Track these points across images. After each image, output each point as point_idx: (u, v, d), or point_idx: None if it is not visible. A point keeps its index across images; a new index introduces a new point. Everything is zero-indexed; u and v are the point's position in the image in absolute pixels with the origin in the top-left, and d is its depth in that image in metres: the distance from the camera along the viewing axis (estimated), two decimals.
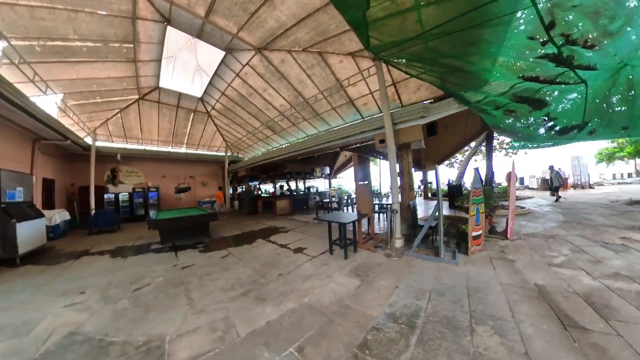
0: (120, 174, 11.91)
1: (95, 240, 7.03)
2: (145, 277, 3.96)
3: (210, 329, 2.40)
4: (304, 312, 2.64)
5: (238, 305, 2.87)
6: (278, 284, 3.45)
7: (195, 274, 4.00)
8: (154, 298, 3.20)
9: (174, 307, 2.91)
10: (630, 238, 4.67)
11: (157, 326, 2.50)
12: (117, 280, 3.89)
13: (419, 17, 2.98)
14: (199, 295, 3.20)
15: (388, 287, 3.19)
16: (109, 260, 5.08)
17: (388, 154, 5.53)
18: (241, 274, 3.89)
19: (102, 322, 2.63)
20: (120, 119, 10.69)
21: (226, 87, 9.91)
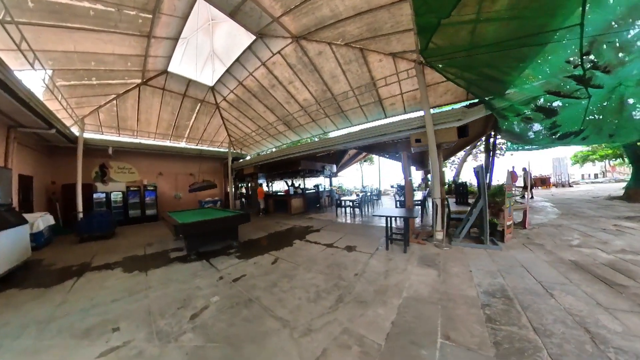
0: (111, 171, 10.09)
1: (91, 250, 5.66)
2: (192, 297, 3.05)
3: (341, 347, 2.01)
4: (416, 305, 2.62)
5: (346, 314, 2.51)
6: (362, 284, 3.18)
7: (258, 287, 3.25)
8: (229, 325, 2.40)
9: (269, 334, 2.24)
10: (621, 225, 5.60)
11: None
12: (157, 305, 2.89)
13: (477, 31, 3.34)
14: (287, 312, 2.59)
15: (463, 273, 3.40)
16: (124, 276, 3.92)
17: (429, 153, 5.61)
18: (314, 280, 3.37)
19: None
20: (115, 107, 8.96)
21: (246, 76, 8.74)
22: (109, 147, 9.29)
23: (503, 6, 3.10)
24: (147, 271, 4.04)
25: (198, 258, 4.59)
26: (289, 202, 10.52)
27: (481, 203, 4.54)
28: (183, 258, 4.66)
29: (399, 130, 6.39)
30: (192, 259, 4.57)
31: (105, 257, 4.93)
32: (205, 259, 4.51)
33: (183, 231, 4.53)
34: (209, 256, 4.69)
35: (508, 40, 3.44)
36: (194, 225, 4.73)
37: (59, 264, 4.62)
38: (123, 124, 10.00)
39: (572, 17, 2.83)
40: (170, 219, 5.24)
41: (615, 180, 17.72)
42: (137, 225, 9.48)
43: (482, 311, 2.41)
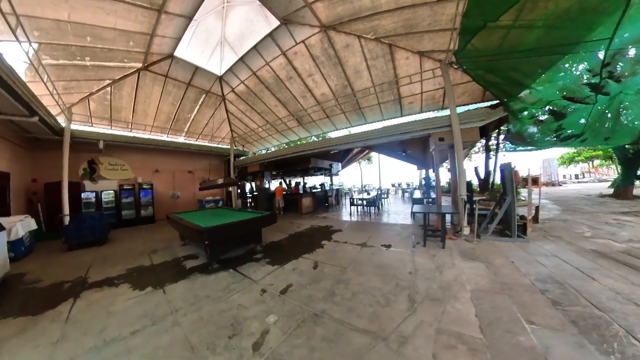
0: (101, 167, 8.82)
1: (84, 260, 4.65)
2: (240, 319, 2.39)
3: (448, 349, 1.88)
4: (485, 296, 2.63)
5: (428, 313, 2.35)
6: (423, 281, 3.05)
7: (315, 298, 2.74)
8: (310, 351, 1.90)
9: (364, 351, 1.87)
10: (620, 219, 5.99)
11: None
12: (197, 335, 2.18)
13: (514, 36, 3.60)
14: (367, 322, 2.24)
15: (507, 264, 3.48)
16: (135, 295, 3.06)
17: (455, 152, 5.56)
18: (371, 282, 3.07)
19: None
20: (109, 95, 7.76)
21: (262, 66, 7.93)
22: (100, 140, 8.07)
23: (548, 16, 3.30)
24: (163, 287, 3.24)
25: (222, 267, 3.84)
26: (299, 202, 9.86)
27: (509, 199, 4.67)
28: (203, 268, 3.88)
29: (424, 129, 6.20)
30: (215, 268, 3.81)
31: (104, 270, 3.99)
32: (231, 268, 3.79)
33: (210, 237, 3.73)
34: (233, 264, 3.97)
35: (543, 47, 3.76)
36: (222, 229, 3.94)
37: (47, 280, 3.65)
38: (116, 115, 8.76)
39: (605, 31, 3.16)
40: (185, 222, 4.38)
41: (598, 180, 18.80)
42: (132, 228, 8.33)
43: (544, 296, 2.57)
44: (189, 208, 11.28)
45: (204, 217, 5.34)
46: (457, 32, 4.30)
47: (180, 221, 4.60)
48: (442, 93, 7.58)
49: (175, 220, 4.89)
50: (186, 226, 4.28)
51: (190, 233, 4.18)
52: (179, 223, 4.67)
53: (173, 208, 10.78)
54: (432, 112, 8.51)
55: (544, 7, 3.24)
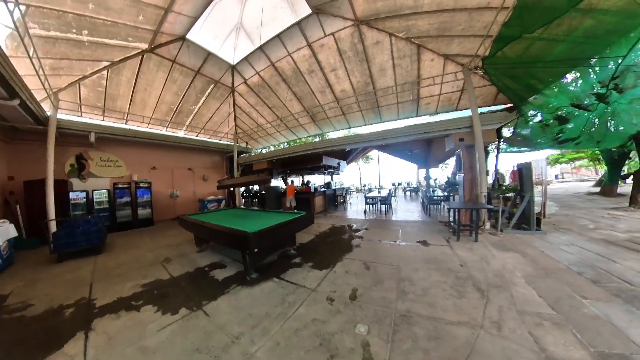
0: (92, 163, 7.56)
1: (81, 274, 3.75)
2: (324, 334, 2.02)
3: (540, 326, 2.00)
4: (537, 281, 2.80)
5: (501, 299, 2.46)
6: (477, 272, 3.11)
7: (389, 299, 2.56)
8: (425, 354, 1.77)
9: (472, 341, 1.86)
10: (612, 213, 6.40)
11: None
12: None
13: (542, 47, 3.95)
14: (456, 314, 2.25)
15: (538, 252, 3.70)
16: (168, 321, 2.36)
17: (477, 151, 5.62)
18: (432, 277, 3.04)
19: None
20: (105, 80, 6.57)
21: (283, 57, 7.22)
22: (91, 132, 6.85)
23: (577, 32, 3.61)
24: (201, 307, 2.58)
25: (262, 276, 3.28)
26: (312, 201, 9.33)
27: (528, 195, 4.86)
28: (240, 279, 3.26)
29: (446, 129, 6.20)
30: (255, 278, 3.22)
31: (112, 287, 3.17)
32: (274, 277, 3.25)
33: (258, 243, 3.09)
34: (273, 271, 3.43)
35: (566, 60, 4.11)
36: (269, 233, 3.34)
37: (40, 304, 2.78)
38: (111, 104, 7.51)
39: (619, 49, 3.57)
40: (219, 227, 3.64)
41: (580, 180, 20.31)
42: (130, 232, 7.24)
43: (582, 277, 2.84)
44: (188, 208, 10.25)
45: (229, 218, 4.64)
46: (492, 39, 4.56)
47: (207, 225, 3.89)
48: (458, 95, 7.59)
49: (199, 225, 4.13)
50: (220, 231, 3.56)
51: (228, 239, 3.45)
52: (205, 228, 3.95)
53: (171, 208, 9.72)
54: (445, 114, 8.48)
55: (572, 24, 3.59)
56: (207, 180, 11.18)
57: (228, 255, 4.19)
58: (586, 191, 12.02)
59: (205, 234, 4.16)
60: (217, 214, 5.55)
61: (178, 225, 5.00)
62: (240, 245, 3.21)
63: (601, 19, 3.50)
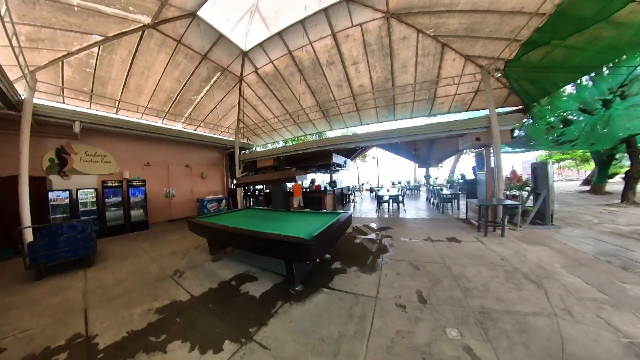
0: (75, 158, 6.39)
1: (68, 295, 2.93)
2: (418, 346, 1.82)
3: (598, 308, 2.20)
4: (574, 269, 2.97)
5: (556, 288, 2.57)
6: (520, 265, 3.19)
7: (457, 297, 2.48)
8: (525, 346, 1.75)
9: (547, 330, 1.91)
10: (607, 209, 6.79)
11: None
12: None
13: (563, 54, 4.17)
14: (525, 306, 2.27)
15: (562, 245, 3.86)
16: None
17: (494, 150, 5.69)
18: (483, 272, 3.04)
19: None
20: (95, 58, 5.47)
21: (303, 45, 6.55)
22: (75, 121, 5.73)
23: (604, 42, 3.75)
24: (251, 337, 1.97)
25: (308, 288, 2.79)
26: (323, 200, 8.89)
27: (544, 193, 5.07)
28: (281, 293, 2.72)
29: (465, 128, 6.25)
30: (300, 291, 2.73)
31: (116, 315, 2.40)
32: (322, 287, 2.81)
33: (318, 250, 2.56)
34: (316, 280, 2.96)
35: (584, 67, 4.31)
36: (325, 238, 2.82)
37: (14, 347, 1.97)
38: (100, 88, 6.35)
39: (634, 59, 3.85)
40: (262, 235, 2.94)
41: (565, 179, 21.58)
42: (122, 237, 6.25)
43: (612, 265, 3.04)
44: (185, 209, 9.28)
45: (253, 221, 4.05)
46: (520, 43, 4.68)
47: (235, 231, 3.17)
48: (471, 96, 7.60)
49: (220, 230, 3.41)
50: (259, 238, 2.91)
51: (272, 248, 2.82)
52: (232, 234, 3.23)
53: (167, 209, 8.69)
54: (456, 114, 8.49)
55: (598, 34, 3.72)
56: (205, 179, 10.18)
57: (252, 264, 3.62)
58: (577, 190, 12.71)
59: (229, 240, 3.49)
60: (233, 215, 4.79)
61: (181, 228, 4.28)
62: (293, 254, 2.67)
63: (625, 31, 3.69)
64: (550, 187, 5.14)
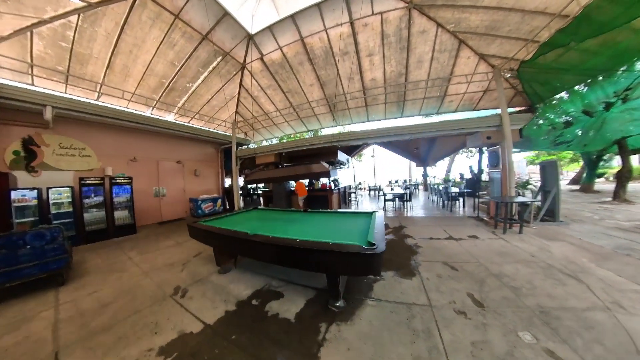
0: (46, 151, 5.38)
1: (33, 328, 2.20)
2: (501, 354, 1.70)
3: None
4: (601, 261, 3.09)
5: (592, 279, 2.67)
6: (551, 260, 3.21)
7: (509, 297, 2.43)
8: (598, 342, 1.74)
9: (602, 321, 2.02)
10: (602, 206, 7.08)
11: None
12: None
13: (578, 57, 4.21)
14: (582, 302, 2.30)
15: (578, 240, 3.95)
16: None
17: (506, 149, 5.71)
18: (521, 269, 3.01)
19: None
20: (73, 30, 4.54)
21: (317, 32, 6.05)
22: (46, 106, 4.79)
23: (621, 47, 3.80)
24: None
25: (349, 302, 2.41)
26: (330, 199, 8.59)
27: (554, 190, 5.19)
28: (318, 311, 2.30)
29: (477, 127, 6.29)
30: (343, 307, 2.32)
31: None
32: (364, 298, 2.50)
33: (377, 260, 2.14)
34: (353, 291, 2.64)
35: (596, 70, 4.38)
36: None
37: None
38: (79, 68, 5.36)
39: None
40: (289, 242, 2.38)
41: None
42: (104, 244, 5.38)
43: (633, 258, 3.15)
44: (177, 209, 8.44)
45: (270, 224, 3.53)
46: (539, 43, 4.67)
47: (264, 240, 2.47)
48: (479, 95, 7.63)
49: (244, 240, 2.64)
50: (307, 249, 2.28)
51: (321, 259, 2.28)
52: (256, 243, 2.51)
53: (156, 210, 7.81)
54: (462, 113, 8.49)
55: (616, 38, 3.78)
56: (199, 176, 9.32)
57: (269, 275, 3.12)
58: (567, 188, 13.34)
59: (247, 250, 2.76)
60: (241, 218, 4.08)
61: (173, 232, 3.76)
62: (351, 266, 2.17)
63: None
64: (559, 185, 5.27)
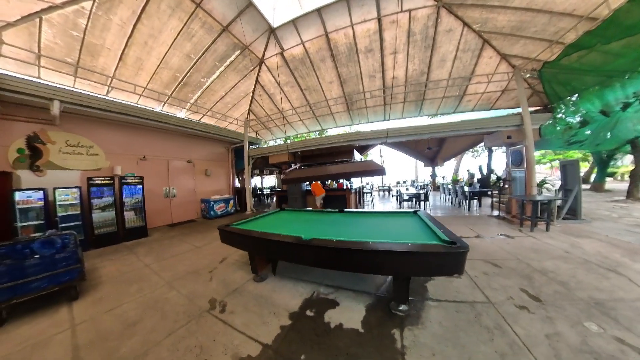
0: (52, 149, 4.96)
1: (43, 356, 1.83)
2: (602, 357, 1.63)
3: None
4: (634, 256, 3.16)
5: (632, 272, 2.76)
6: (589, 257, 3.21)
7: (562, 292, 2.45)
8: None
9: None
10: (617, 205, 7.11)
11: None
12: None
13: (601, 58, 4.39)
14: (631, 293, 2.39)
15: (605, 237, 3.96)
16: None
17: (527, 148, 5.73)
18: (562, 265, 3.02)
19: None
20: (87, 18, 4.13)
21: (343, 27, 5.82)
22: (53, 100, 4.37)
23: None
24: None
25: (410, 306, 2.24)
26: (348, 198, 8.42)
27: (576, 189, 5.24)
28: (382, 318, 2.14)
29: (498, 126, 6.26)
30: (406, 310, 2.16)
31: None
32: (423, 300, 2.40)
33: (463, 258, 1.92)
34: (413, 294, 2.49)
35: (618, 71, 4.41)
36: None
37: None
38: (90, 61, 4.93)
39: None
40: (360, 245, 2.05)
41: (558, 179, 22.47)
42: (115, 249, 5.00)
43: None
44: (188, 210, 8.10)
45: (309, 226, 3.18)
46: (564, 45, 4.74)
47: (327, 245, 2.16)
48: (498, 95, 7.56)
49: (296, 245, 2.33)
50: (399, 252, 1.90)
51: (396, 261, 1.92)
52: (314, 249, 2.21)
53: (166, 212, 7.43)
54: (478, 113, 8.40)
55: (634, 41, 3.86)
56: (210, 176, 8.93)
57: (312, 281, 2.86)
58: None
59: (296, 255, 2.43)
60: (272, 219, 3.67)
61: (186, 234, 3.64)
62: (430, 266, 1.93)
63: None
64: (580, 183, 5.35)
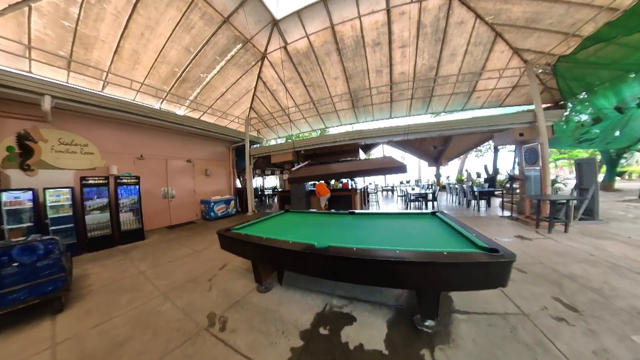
0: (44, 147, 4.69)
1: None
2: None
3: None
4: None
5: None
6: (615, 260, 3.12)
7: (593, 299, 2.36)
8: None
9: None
10: (630, 205, 6.95)
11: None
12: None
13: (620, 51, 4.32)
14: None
15: (625, 237, 3.91)
16: None
17: (541, 146, 5.58)
18: (589, 270, 2.90)
19: None
20: (79, 7, 3.87)
21: (350, 18, 5.55)
22: (45, 95, 4.10)
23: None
24: None
25: (437, 319, 1.96)
26: (353, 199, 8.13)
27: (593, 188, 5.08)
28: (408, 336, 1.87)
29: (510, 123, 6.09)
30: (433, 326, 1.89)
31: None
32: (448, 313, 2.17)
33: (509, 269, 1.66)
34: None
35: (636, 64, 4.29)
36: None
37: None
38: (83, 53, 4.67)
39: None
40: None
41: (563, 178, 22.24)
42: (108, 253, 4.69)
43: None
44: (187, 211, 7.83)
45: (317, 231, 2.83)
46: (581, 37, 4.57)
47: (356, 254, 1.81)
48: (508, 92, 7.35)
49: (309, 254, 1.98)
50: (433, 263, 1.64)
51: (447, 273, 1.63)
52: (333, 259, 1.86)
53: (165, 213, 7.16)
54: (482, 110, 8.28)
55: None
56: (210, 176, 8.66)
57: (325, 292, 2.55)
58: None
59: (312, 266, 2.07)
60: (275, 222, 3.32)
61: (186, 238, 3.62)
62: (471, 279, 1.63)
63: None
64: (597, 183, 5.18)
